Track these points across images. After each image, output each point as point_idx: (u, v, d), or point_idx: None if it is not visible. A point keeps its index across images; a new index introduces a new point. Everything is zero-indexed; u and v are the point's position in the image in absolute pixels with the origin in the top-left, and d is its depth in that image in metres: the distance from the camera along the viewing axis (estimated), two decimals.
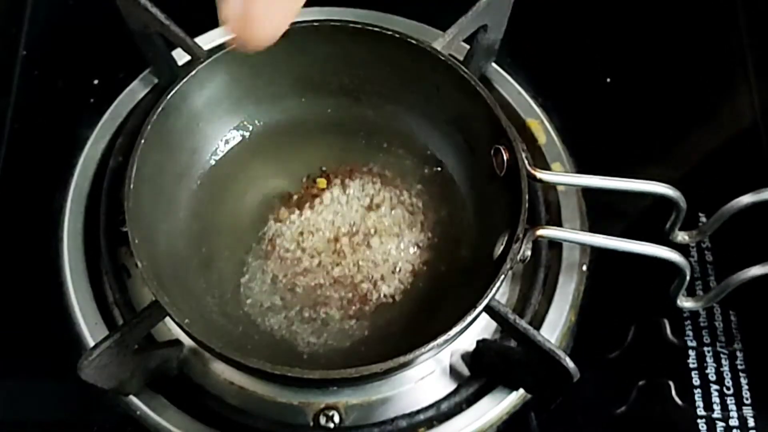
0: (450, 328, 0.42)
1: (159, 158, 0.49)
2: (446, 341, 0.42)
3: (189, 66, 0.50)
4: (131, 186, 0.45)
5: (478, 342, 0.52)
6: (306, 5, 0.63)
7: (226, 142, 0.56)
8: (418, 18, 0.62)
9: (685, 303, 0.52)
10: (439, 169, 0.56)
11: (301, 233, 0.53)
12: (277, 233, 0.53)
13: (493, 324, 0.52)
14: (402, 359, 0.41)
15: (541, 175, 0.47)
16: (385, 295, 0.52)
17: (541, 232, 0.46)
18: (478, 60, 0.58)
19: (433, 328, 0.43)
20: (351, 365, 0.41)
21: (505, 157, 0.48)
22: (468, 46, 0.57)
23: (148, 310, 0.44)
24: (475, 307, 0.43)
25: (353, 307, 0.51)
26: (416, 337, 0.42)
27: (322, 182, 0.55)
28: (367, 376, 0.41)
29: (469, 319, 0.42)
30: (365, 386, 0.51)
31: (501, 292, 0.52)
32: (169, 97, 0.48)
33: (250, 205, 0.54)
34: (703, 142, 0.60)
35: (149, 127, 0.47)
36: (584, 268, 0.55)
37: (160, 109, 0.48)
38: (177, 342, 0.50)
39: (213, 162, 0.55)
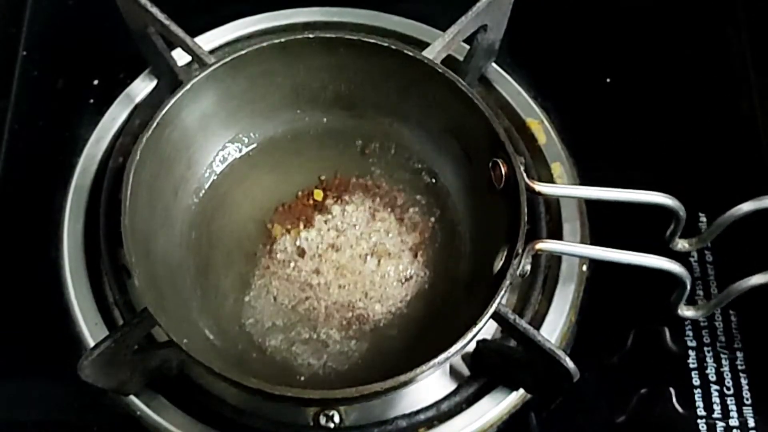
0: (450, 346, 0.42)
1: (155, 173, 0.48)
2: (447, 359, 0.42)
3: (187, 72, 0.50)
4: (128, 202, 0.45)
5: (478, 342, 0.52)
6: (305, 5, 0.63)
7: (222, 154, 0.55)
8: (418, 18, 0.62)
9: (686, 312, 0.52)
10: (436, 180, 0.55)
11: (299, 251, 0.52)
12: (275, 250, 0.52)
13: (493, 324, 0.52)
14: (402, 378, 0.41)
15: (540, 187, 0.47)
16: (384, 313, 0.51)
17: (540, 246, 0.46)
18: (478, 60, 0.58)
19: (433, 344, 0.42)
20: (351, 385, 0.41)
21: (503, 171, 0.47)
22: (468, 46, 0.57)
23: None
24: (476, 324, 0.42)
25: (353, 327, 0.50)
26: (416, 355, 0.42)
27: (318, 194, 0.54)
28: (368, 395, 0.41)
29: (470, 335, 0.42)
30: None
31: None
32: (163, 112, 0.48)
33: (247, 218, 0.54)
34: (703, 143, 0.60)
35: (144, 142, 0.46)
36: (584, 268, 0.55)
37: (155, 124, 0.47)
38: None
39: (209, 175, 0.55)
